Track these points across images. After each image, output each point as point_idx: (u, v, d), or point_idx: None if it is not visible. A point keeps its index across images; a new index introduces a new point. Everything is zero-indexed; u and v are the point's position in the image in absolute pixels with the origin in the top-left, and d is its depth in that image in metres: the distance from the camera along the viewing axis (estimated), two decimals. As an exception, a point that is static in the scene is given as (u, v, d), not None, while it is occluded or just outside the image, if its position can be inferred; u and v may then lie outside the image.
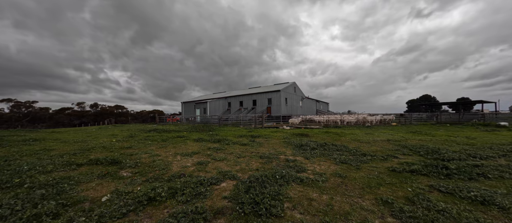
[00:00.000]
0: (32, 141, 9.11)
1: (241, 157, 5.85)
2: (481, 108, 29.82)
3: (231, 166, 4.84)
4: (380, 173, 4.25)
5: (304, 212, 2.64)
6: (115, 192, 3.25)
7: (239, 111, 36.44)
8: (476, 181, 3.72)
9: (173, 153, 6.54)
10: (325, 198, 3.08)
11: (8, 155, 6.05)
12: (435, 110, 45.08)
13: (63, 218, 2.47)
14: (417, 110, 53.62)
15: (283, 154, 6.17)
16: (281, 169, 4.40)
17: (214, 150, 6.93)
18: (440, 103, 44.30)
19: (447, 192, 3.20)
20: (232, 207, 2.76)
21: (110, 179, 3.94)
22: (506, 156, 5.49)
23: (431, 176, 3.98)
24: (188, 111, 43.10)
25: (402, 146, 7.46)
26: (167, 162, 5.23)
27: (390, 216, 2.56)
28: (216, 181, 3.76)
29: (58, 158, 5.61)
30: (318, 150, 6.71)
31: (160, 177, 4.02)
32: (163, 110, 74.84)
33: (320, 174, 4.19)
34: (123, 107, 66.85)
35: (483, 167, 4.33)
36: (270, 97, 34.31)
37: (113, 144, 8.18)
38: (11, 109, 50.67)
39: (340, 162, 5.12)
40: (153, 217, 2.56)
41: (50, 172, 4.33)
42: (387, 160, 5.35)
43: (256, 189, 3.23)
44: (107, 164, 4.98)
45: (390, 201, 2.89)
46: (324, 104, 52.99)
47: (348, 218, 2.50)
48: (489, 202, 2.81)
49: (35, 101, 54.09)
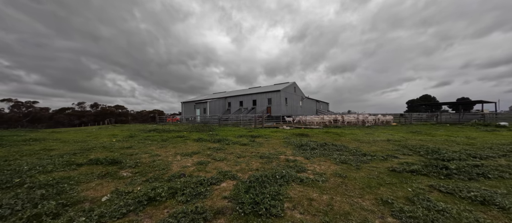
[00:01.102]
0: (32, 141, 9.11)
1: (241, 157, 5.85)
2: (481, 109, 29.82)
3: (231, 166, 4.84)
4: (380, 173, 4.25)
5: (304, 212, 2.64)
6: (115, 192, 3.25)
7: (239, 111, 36.44)
8: (476, 181, 3.72)
9: (173, 153, 6.54)
10: (325, 198, 3.08)
11: (8, 155, 6.05)
12: (435, 110, 45.07)
13: (63, 218, 2.47)
14: (417, 110, 53.61)
15: (283, 154, 6.17)
16: (281, 169, 4.40)
17: (214, 150, 6.93)
18: (440, 103, 44.33)
19: (447, 192, 3.20)
20: (232, 207, 2.76)
21: (110, 179, 3.94)
22: (506, 156, 5.48)
23: (431, 176, 3.98)
24: (188, 111, 43.10)
25: (402, 146, 7.46)
26: (167, 162, 5.23)
27: (390, 216, 2.56)
28: (216, 181, 3.76)
29: (58, 158, 5.61)
30: (318, 150, 6.71)
31: (160, 177, 4.02)
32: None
33: (320, 174, 4.18)
34: (123, 107, 66.89)
35: (483, 167, 4.33)
36: (270, 97, 34.32)
37: (113, 144, 8.18)
38: (11, 109, 50.69)
39: (340, 162, 5.12)
40: (153, 217, 2.56)
41: (50, 172, 4.33)
42: (387, 160, 5.35)
43: (256, 189, 3.23)
44: (107, 164, 4.98)
45: (390, 201, 2.89)
46: (324, 104, 53.02)
47: (348, 218, 2.50)
48: (489, 202, 2.81)
49: (35, 102, 54.12)
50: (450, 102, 41.49)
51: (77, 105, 59.84)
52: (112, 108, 64.12)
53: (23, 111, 51.44)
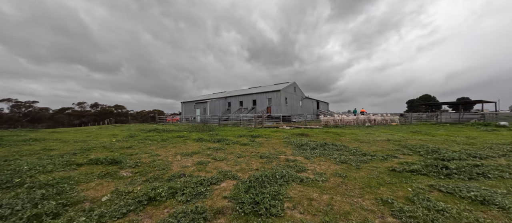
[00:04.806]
0: (32, 140, 9.12)
1: (241, 156, 5.85)
2: (481, 108, 29.85)
3: (231, 166, 4.84)
4: (380, 172, 4.25)
5: (304, 212, 2.64)
6: (115, 192, 3.25)
7: (239, 111, 36.44)
8: (476, 180, 3.72)
9: (173, 153, 6.54)
10: (325, 197, 3.08)
11: (8, 155, 6.05)
12: (435, 110, 45.08)
13: (63, 218, 2.47)
14: (417, 110, 53.62)
15: (283, 154, 6.17)
16: (281, 169, 4.40)
17: (214, 149, 6.93)
18: (440, 103, 44.32)
19: (447, 192, 3.20)
20: (232, 207, 2.76)
21: (110, 179, 3.95)
22: (506, 156, 5.48)
23: (431, 176, 3.98)
24: (188, 111, 43.10)
25: (402, 145, 7.46)
26: (167, 162, 5.23)
27: (390, 216, 2.56)
28: (216, 181, 3.76)
29: (58, 157, 5.61)
30: (318, 149, 6.71)
31: (160, 177, 4.02)
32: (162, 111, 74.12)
33: (320, 173, 4.18)
34: (123, 107, 66.92)
35: (483, 167, 4.33)
36: (270, 97, 34.31)
37: (113, 144, 8.18)
38: (11, 109, 50.70)
39: (340, 162, 5.12)
40: (153, 217, 2.56)
41: (50, 172, 4.33)
42: (387, 160, 5.35)
43: (256, 189, 3.23)
44: (107, 164, 4.98)
45: (390, 201, 2.89)
46: (324, 104, 53.02)
47: (348, 218, 2.50)
48: (489, 202, 2.81)
49: (35, 101, 54.14)
50: (450, 102, 41.49)
51: (77, 105, 59.87)
52: (112, 108, 64.16)
53: (23, 111, 51.45)
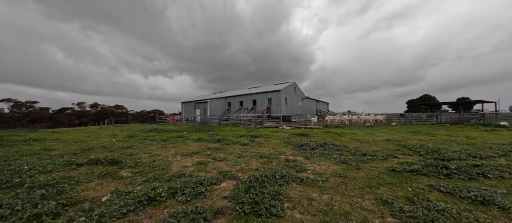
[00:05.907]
0: (32, 141, 9.12)
1: (241, 156, 5.85)
2: (481, 108, 29.81)
3: (231, 166, 4.84)
4: (380, 172, 4.25)
5: (304, 212, 2.64)
6: (115, 192, 3.25)
7: (239, 111, 36.45)
8: (476, 180, 3.72)
9: (173, 153, 6.54)
10: (325, 197, 3.08)
11: (8, 155, 6.05)
12: (435, 110, 45.08)
13: (63, 218, 2.47)
14: (417, 110, 53.61)
15: (283, 154, 6.17)
16: (281, 169, 4.40)
17: (214, 149, 6.93)
18: (440, 103, 44.27)
19: (447, 192, 3.20)
20: (232, 207, 2.76)
21: (110, 179, 3.95)
22: (506, 156, 5.48)
23: (431, 176, 3.98)
24: (188, 111, 43.10)
25: (402, 145, 7.46)
26: (167, 162, 5.23)
27: (390, 216, 2.56)
28: (216, 181, 3.76)
29: (58, 158, 5.61)
30: (318, 149, 6.71)
31: (160, 177, 4.02)
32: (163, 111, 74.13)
33: (320, 173, 4.18)
34: (123, 107, 66.92)
35: (483, 167, 4.33)
36: (270, 97, 34.32)
37: (113, 144, 8.18)
38: (11, 109, 50.70)
39: (340, 162, 5.12)
40: (153, 217, 2.56)
41: (50, 172, 4.33)
42: (387, 160, 5.35)
43: (256, 189, 3.23)
44: (107, 164, 4.98)
45: (390, 201, 2.89)
46: (324, 104, 53.02)
47: (348, 218, 2.50)
48: (489, 202, 2.81)
49: (35, 102, 54.14)
50: (450, 102, 41.45)
51: (77, 105, 59.88)
52: (111, 108, 64.16)
53: (23, 111, 51.45)
